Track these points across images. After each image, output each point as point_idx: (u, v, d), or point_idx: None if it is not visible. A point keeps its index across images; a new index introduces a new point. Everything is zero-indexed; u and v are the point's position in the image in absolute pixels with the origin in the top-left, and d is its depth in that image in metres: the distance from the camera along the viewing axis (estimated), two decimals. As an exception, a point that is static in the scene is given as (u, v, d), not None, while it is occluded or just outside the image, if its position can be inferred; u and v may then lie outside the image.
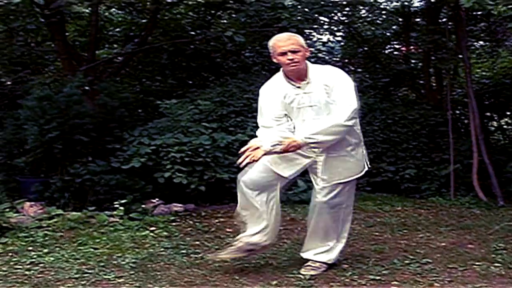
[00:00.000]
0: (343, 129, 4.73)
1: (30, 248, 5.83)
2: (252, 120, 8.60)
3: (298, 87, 4.86)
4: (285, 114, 4.89)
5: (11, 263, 5.36)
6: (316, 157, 4.89)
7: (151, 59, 11.31)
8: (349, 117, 4.70)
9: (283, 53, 4.80)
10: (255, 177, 4.90)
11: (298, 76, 4.87)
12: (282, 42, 4.82)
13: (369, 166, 5.19)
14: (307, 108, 4.83)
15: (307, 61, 4.90)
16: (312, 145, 4.74)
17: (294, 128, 4.88)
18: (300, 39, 4.87)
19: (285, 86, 4.89)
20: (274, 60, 4.94)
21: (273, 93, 4.92)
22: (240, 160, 4.70)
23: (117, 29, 11.29)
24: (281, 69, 4.95)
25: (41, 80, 9.50)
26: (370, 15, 12.04)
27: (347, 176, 4.94)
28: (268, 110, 4.91)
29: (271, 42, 4.91)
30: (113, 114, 8.29)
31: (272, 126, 4.85)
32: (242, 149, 4.76)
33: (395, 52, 12.35)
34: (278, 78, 4.97)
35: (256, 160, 4.70)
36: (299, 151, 4.81)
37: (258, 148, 4.70)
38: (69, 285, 4.76)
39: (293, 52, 4.78)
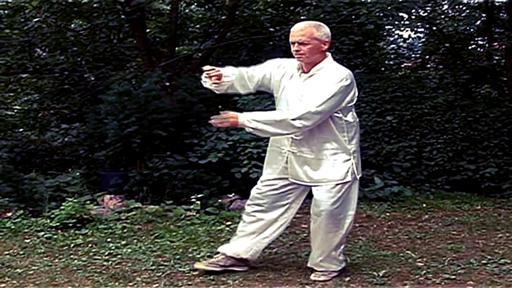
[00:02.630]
0: (288, 127, 4.50)
1: (109, 239, 5.96)
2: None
3: (300, 76, 4.72)
4: (270, 82, 4.83)
5: (91, 253, 5.50)
6: (287, 153, 4.75)
7: (230, 55, 11.39)
8: (298, 117, 4.46)
9: (292, 43, 4.67)
10: (264, 190, 4.88)
11: (307, 68, 4.71)
12: (294, 31, 4.67)
13: (357, 177, 4.75)
14: (295, 99, 4.65)
15: (328, 55, 4.72)
16: (250, 129, 4.58)
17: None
18: (316, 32, 4.63)
19: (293, 70, 4.77)
20: None
21: (283, 65, 4.83)
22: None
23: (197, 26, 11.42)
24: None
25: (122, 76, 9.68)
26: (451, 11, 11.83)
27: (317, 180, 4.67)
28: (266, 68, 4.88)
29: None
30: (191, 110, 8.38)
31: (255, 70, 4.88)
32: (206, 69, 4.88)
33: (478, 49, 12.10)
34: (297, 62, 4.79)
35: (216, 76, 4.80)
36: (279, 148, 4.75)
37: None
38: (145, 276, 4.85)
39: (301, 44, 4.61)
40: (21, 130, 12.10)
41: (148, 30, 10.36)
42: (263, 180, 4.90)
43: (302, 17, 11.50)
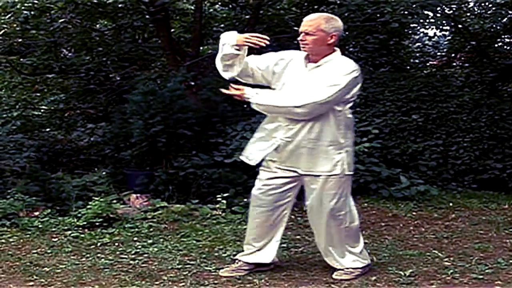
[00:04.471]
0: (290, 111, 4.56)
1: (135, 238, 6.00)
2: (355, 115, 8.52)
3: (306, 67, 4.70)
4: (273, 73, 4.80)
5: (117, 252, 5.54)
6: (280, 142, 4.72)
7: (255, 55, 11.38)
8: (302, 104, 4.49)
9: (300, 32, 4.69)
10: (268, 190, 4.83)
11: (313, 59, 4.69)
12: (304, 22, 4.70)
13: (349, 173, 4.73)
14: (299, 89, 4.63)
15: (337, 49, 4.70)
16: (254, 106, 4.66)
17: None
18: (324, 23, 4.63)
19: (300, 60, 4.74)
20: None
21: (285, 56, 4.81)
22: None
23: (221, 25, 11.43)
24: None
25: (147, 76, 9.73)
26: (477, 8, 11.74)
27: (308, 169, 4.67)
28: (269, 58, 4.86)
29: None
30: (216, 109, 8.39)
31: (261, 59, 4.87)
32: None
33: (504, 46, 11.99)
34: (301, 52, 4.78)
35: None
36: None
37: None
38: (171, 275, 4.87)
39: (307, 34, 4.62)
40: (47, 130, 12.19)
41: (172, 30, 10.38)
42: (266, 178, 4.86)
43: (326, 16, 11.49)
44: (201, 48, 10.34)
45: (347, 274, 4.78)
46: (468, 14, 11.88)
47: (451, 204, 7.42)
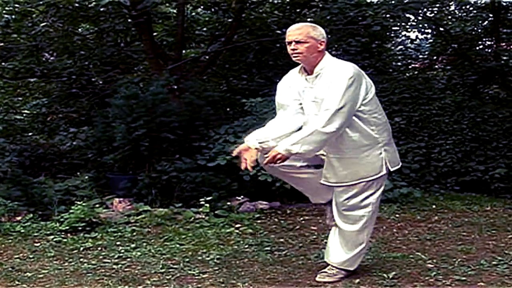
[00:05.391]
0: (323, 137, 4.41)
1: (118, 243, 5.98)
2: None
3: (306, 80, 4.66)
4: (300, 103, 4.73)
5: (100, 257, 5.51)
6: (325, 157, 4.69)
7: (237, 58, 11.40)
8: (326, 123, 4.37)
9: (289, 43, 4.61)
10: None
11: (308, 68, 4.63)
12: (291, 31, 4.61)
13: (390, 168, 4.75)
14: (311, 104, 4.60)
15: (326, 53, 4.64)
16: (295, 156, 4.47)
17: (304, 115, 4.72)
18: (313, 31, 4.59)
19: (297, 78, 4.72)
20: None
21: (286, 82, 4.78)
22: (242, 166, 4.60)
23: (204, 29, 11.43)
24: None
25: (130, 79, 9.69)
26: (458, 12, 11.82)
27: (353, 179, 4.62)
28: (284, 90, 4.77)
29: None
30: (199, 113, 8.39)
31: (285, 103, 4.72)
32: (234, 153, 4.67)
33: (485, 49, 12.07)
34: (295, 69, 4.78)
35: (255, 159, 4.58)
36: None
37: (249, 148, 4.58)
38: (155, 279, 4.85)
39: (298, 42, 4.54)
40: (30, 134, 12.12)
41: (155, 34, 10.36)
42: None
43: (308, 19, 11.51)
44: (183, 51, 10.34)
45: (330, 277, 4.78)
46: (450, 17, 11.96)
47: (434, 206, 7.45)
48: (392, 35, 12.92)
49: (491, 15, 11.17)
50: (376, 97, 4.73)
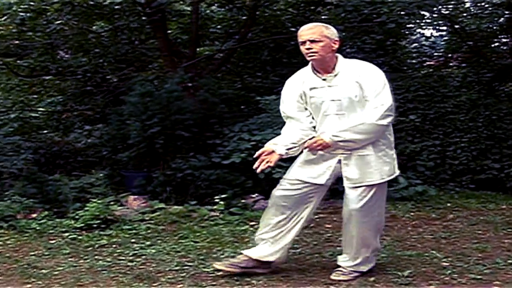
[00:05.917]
0: (376, 128, 4.50)
1: (133, 240, 5.99)
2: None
3: (324, 80, 4.65)
4: (306, 108, 4.72)
5: (115, 254, 5.53)
6: (342, 156, 4.64)
7: (252, 56, 11.39)
8: (381, 116, 4.46)
9: (303, 42, 4.59)
10: (290, 193, 4.77)
11: (323, 68, 4.64)
12: (304, 31, 4.61)
13: (399, 170, 4.82)
14: (330, 102, 4.59)
15: (338, 54, 4.67)
16: (341, 144, 4.51)
17: (315, 124, 4.71)
18: (326, 30, 4.61)
19: (311, 77, 4.69)
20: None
21: (296, 84, 4.75)
22: (255, 165, 4.57)
23: (218, 26, 11.42)
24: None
25: (144, 77, 9.71)
26: (474, 9, 11.74)
27: (378, 178, 4.61)
28: (291, 101, 4.75)
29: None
30: (213, 110, 8.39)
31: (295, 117, 4.70)
32: (257, 153, 4.61)
33: (501, 46, 11.99)
34: (306, 69, 4.77)
35: (271, 166, 4.58)
36: (323, 152, 4.61)
37: (273, 152, 4.56)
38: (169, 277, 4.86)
39: (312, 41, 4.54)
40: (45, 131, 12.17)
41: (169, 31, 10.37)
42: (291, 179, 4.82)
43: (323, 17, 11.48)
44: (198, 49, 10.34)
45: (345, 275, 4.77)
46: (465, 14, 11.86)
47: (449, 204, 7.42)
48: (407, 32, 12.85)
49: (507, 12, 11.07)
50: None
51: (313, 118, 4.72)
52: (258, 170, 4.60)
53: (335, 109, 4.59)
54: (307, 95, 4.70)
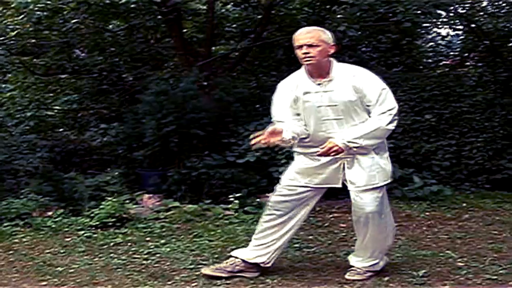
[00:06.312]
0: (386, 133, 4.57)
1: (148, 238, 6.01)
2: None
3: (319, 84, 4.61)
4: (298, 114, 4.69)
5: (130, 252, 5.55)
6: (346, 160, 4.62)
7: (267, 55, 11.37)
8: (391, 121, 4.51)
9: (300, 46, 4.55)
10: (287, 198, 4.76)
11: (318, 73, 4.60)
12: (301, 35, 4.58)
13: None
14: (326, 108, 4.57)
15: (332, 59, 4.63)
16: (355, 149, 4.50)
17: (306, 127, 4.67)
18: (323, 34, 4.59)
19: (305, 82, 4.65)
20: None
21: (290, 88, 4.71)
22: (255, 140, 4.47)
23: (233, 25, 11.42)
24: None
25: (160, 76, 9.73)
26: (491, 8, 11.67)
27: (383, 179, 4.64)
28: (282, 105, 4.73)
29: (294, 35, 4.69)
30: (228, 109, 8.40)
31: (286, 121, 4.63)
32: (269, 129, 4.47)
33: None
34: (299, 73, 4.74)
35: (268, 145, 4.51)
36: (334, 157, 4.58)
37: (280, 133, 4.47)
38: (184, 275, 4.88)
39: (310, 46, 4.51)
40: (61, 130, 12.24)
41: (184, 30, 10.39)
42: (288, 185, 4.79)
43: (338, 16, 11.45)
44: (213, 48, 10.34)
45: (360, 275, 4.76)
46: (481, 13, 11.79)
47: (464, 204, 7.38)
48: (423, 31, 12.80)
49: (524, 11, 11.03)
50: None
51: (305, 124, 4.68)
52: (254, 147, 4.56)
53: (333, 114, 4.59)
54: (300, 99, 4.67)
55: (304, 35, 4.58)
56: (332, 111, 4.59)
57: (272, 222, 4.82)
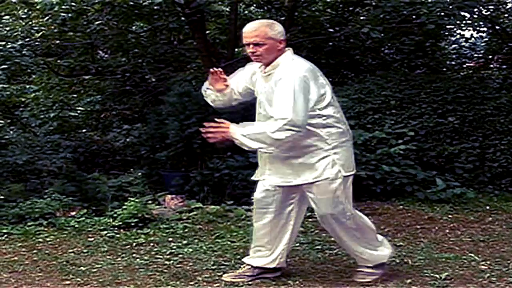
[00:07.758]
0: (270, 141, 4.31)
1: (170, 239, 6.03)
2: (390, 117, 8.50)
3: (264, 74, 4.56)
4: (249, 89, 4.75)
5: (152, 252, 5.57)
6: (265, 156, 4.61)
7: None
8: (278, 129, 4.25)
9: (247, 45, 4.51)
10: (267, 194, 4.74)
11: (268, 64, 4.53)
12: (247, 32, 4.50)
13: (344, 175, 4.55)
14: (265, 102, 4.53)
15: (288, 50, 4.53)
16: (237, 143, 4.44)
17: None
18: (270, 31, 4.47)
19: (261, 68, 4.63)
20: None
21: (257, 65, 4.65)
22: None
23: (256, 27, 11.43)
24: None
25: (183, 77, 9.76)
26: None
27: (299, 181, 4.53)
28: (240, 73, 4.84)
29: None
30: (251, 110, 8.37)
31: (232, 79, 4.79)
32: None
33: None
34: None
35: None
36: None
37: (220, 77, 4.77)
38: (206, 276, 4.89)
39: (256, 45, 4.45)
40: (84, 130, 12.33)
41: (208, 32, 10.43)
42: (266, 185, 4.77)
43: (361, 18, 11.45)
44: (236, 49, 10.36)
45: (370, 275, 4.73)
46: (506, 15, 11.74)
47: (487, 207, 7.34)
48: (447, 33, 12.76)
49: (549, 13, 10.97)
50: (334, 99, 4.56)
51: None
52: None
53: (259, 107, 4.62)
54: (255, 83, 4.69)
55: (250, 33, 4.50)
56: (258, 105, 4.62)
57: (261, 222, 4.79)
